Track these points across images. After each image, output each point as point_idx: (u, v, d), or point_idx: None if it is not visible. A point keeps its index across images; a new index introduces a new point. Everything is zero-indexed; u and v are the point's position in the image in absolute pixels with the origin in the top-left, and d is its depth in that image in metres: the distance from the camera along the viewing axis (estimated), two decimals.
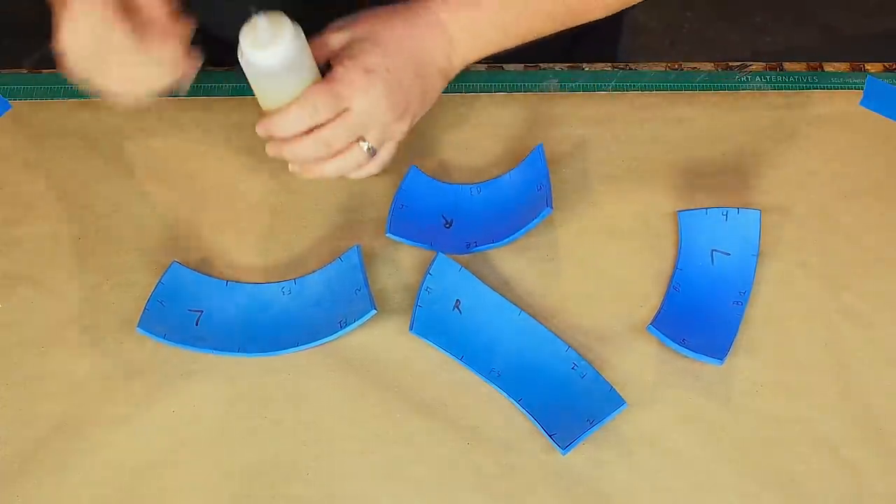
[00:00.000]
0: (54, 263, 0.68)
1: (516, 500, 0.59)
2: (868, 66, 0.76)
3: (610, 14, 0.68)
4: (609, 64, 0.77)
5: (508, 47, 0.67)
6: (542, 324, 0.64)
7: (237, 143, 0.73)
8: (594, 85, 0.75)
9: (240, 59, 0.61)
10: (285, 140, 0.62)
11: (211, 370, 0.63)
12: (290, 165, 0.65)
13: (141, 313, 0.63)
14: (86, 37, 0.56)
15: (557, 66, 0.76)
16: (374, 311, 0.63)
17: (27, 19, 1.73)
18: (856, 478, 0.59)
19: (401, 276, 0.67)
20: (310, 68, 0.63)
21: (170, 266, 0.65)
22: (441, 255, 0.65)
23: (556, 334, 0.63)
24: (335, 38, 0.64)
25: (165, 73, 0.60)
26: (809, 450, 0.60)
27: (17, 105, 0.75)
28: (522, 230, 0.66)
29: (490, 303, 0.65)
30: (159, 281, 0.65)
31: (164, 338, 0.63)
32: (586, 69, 0.76)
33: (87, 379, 0.63)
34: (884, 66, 0.76)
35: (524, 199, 0.68)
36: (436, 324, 0.64)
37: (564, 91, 0.75)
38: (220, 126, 0.74)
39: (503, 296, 0.65)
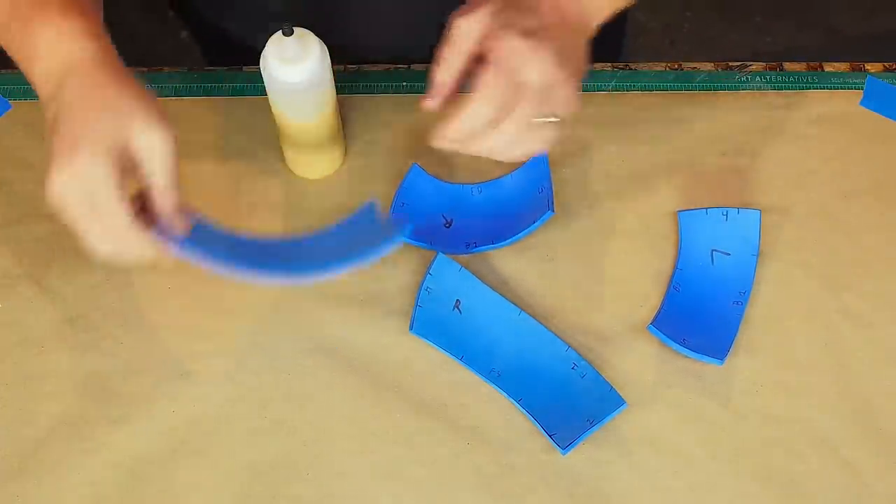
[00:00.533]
0: (54, 263, 0.68)
1: (516, 500, 0.59)
2: (868, 66, 0.76)
3: None
4: (609, 64, 0.77)
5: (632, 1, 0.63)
6: (542, 324, 0.64)
7: (237, 143, 0.73)
8: (594, 85, 0.75)
9: (262, 69, 0.62)
10: (473, 138, 0.57)
11: (211, 370, 0.63)
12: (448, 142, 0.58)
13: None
14: (80, 192, 0.53)
15: None
16: (405, 236, 0.59)
17: None
18: (856, 478, 0.59)
19: (401, 276, 0.67)
20: (330, 82, 0.64)
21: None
22: (441, 255, 0.65)
23: (556, 334, 0.63)
24: (483, 11, 0.57)
25: (146, 252, 0.56)
26: (809, 450, 0.60)
27: (17, 105, 0.75)
28: (523, 232, 0.66)
29: (490, 303, 0.65)
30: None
31: (206, 254, 0.57)
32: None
33: (87, 379, 0.63)
34: (884, 66, 0.76)
35: (525, 200, 0.68)
36: (436, 324, 0.64)
37: None
38: (220, 126, 0.74)
39: (503, 296, 0.65)
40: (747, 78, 0.76)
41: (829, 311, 0.65)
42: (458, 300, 0.65)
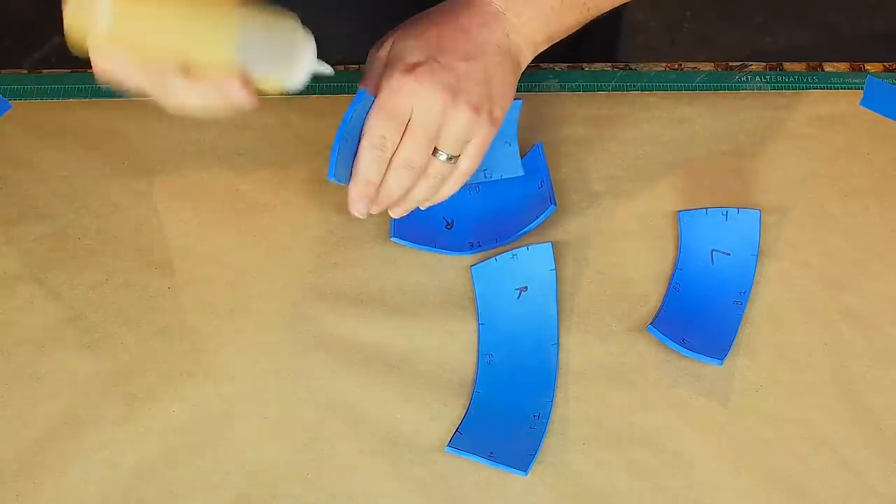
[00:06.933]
0: (54, 263, 0.68)
1: (516, 499, 0.59)
2: (868, 66, 0.76)
3: None
4: (609, 64, 0.77)
5: (567, 28, 0.60)
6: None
7: (237, 143, 0.73)
8: (594, 85, 0.75)
9: None
10: (375, 193, 0.57)
11: (211, 370, 0.63)
12: (354, 208, 0.58)
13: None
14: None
15: (557, 66, 0.76)
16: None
17: (27, 19, 1.73)
18: (856, 478, 0.59)
19: (401, 275, 0.67)
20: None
21: None
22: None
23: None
24: (381, 55, 0.57)
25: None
26: (809, 450, 0.60)
27: (17, 105, 0.75)
28: (527, 228, 0.66)
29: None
30: None
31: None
32: (586, 69, 0.76)
33: (87, 379, 0.63)
34: (884, 66, 0.76)
35: (525, 197, 0.68)
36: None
37: (564, 91, 0.75)
38: (220, 126, 0.74)
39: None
40: (747, 78, 0.76)
41: (829, 311, 0.65)
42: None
